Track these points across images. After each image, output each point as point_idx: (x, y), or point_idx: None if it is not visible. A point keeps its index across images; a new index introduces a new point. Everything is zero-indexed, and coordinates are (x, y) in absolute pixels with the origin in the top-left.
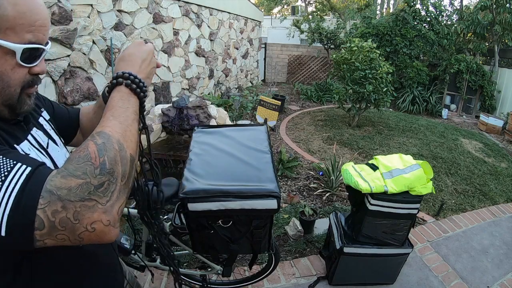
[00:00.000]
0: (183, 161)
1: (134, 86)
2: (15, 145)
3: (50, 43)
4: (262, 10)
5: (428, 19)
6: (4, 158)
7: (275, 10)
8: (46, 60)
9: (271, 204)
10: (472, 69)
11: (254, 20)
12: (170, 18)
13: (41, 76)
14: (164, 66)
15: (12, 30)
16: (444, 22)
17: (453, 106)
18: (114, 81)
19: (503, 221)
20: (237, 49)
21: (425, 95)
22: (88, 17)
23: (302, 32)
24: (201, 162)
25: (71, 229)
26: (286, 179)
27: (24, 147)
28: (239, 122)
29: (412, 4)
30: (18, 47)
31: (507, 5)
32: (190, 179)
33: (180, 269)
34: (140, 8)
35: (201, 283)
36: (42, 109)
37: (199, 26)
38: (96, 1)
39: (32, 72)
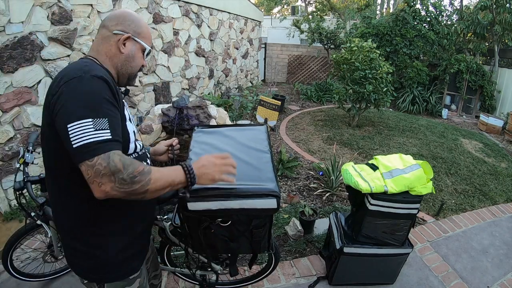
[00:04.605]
0: (183, 161)
1: (189, 181)
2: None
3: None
4: (262, 10)
5: (428, 19)
6: (106, 120)
7: (275, 10)
8: (46, 60)
9: (271, 203)
10: (472, 69)
11: (254, 20)
12: (170, 18)
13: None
14: (164, 66)
15: (145, 39)
16: (444, 22)
17: (453, 106)
18: (185, 165)
19: (503, 221)
20: (237, 49)
21: (425, 95)
22: (88, 17)
23: (302, 32)
24: None
25: (95, 176)
26: (286, 179)
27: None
28: (239, 122)
29: (412, 4)
30: (148, 48)
31: (507, 5)
32: None
33: (179, 269)
34: (140, 8)
35: (201, 283)
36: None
37: (199, 26)
38: (96, 1)
39: (143, 63)
